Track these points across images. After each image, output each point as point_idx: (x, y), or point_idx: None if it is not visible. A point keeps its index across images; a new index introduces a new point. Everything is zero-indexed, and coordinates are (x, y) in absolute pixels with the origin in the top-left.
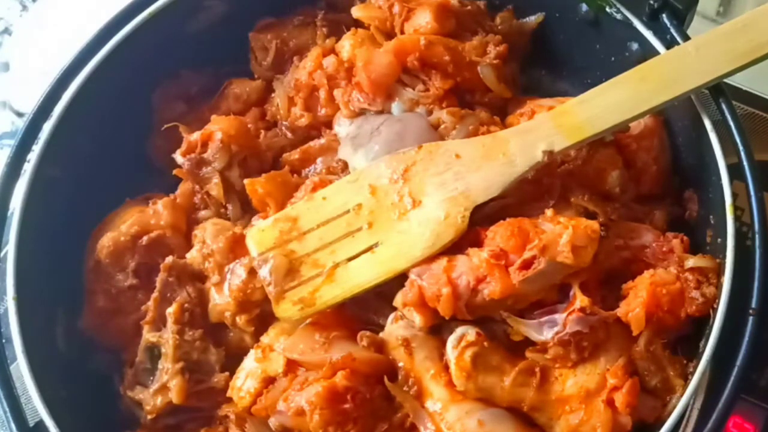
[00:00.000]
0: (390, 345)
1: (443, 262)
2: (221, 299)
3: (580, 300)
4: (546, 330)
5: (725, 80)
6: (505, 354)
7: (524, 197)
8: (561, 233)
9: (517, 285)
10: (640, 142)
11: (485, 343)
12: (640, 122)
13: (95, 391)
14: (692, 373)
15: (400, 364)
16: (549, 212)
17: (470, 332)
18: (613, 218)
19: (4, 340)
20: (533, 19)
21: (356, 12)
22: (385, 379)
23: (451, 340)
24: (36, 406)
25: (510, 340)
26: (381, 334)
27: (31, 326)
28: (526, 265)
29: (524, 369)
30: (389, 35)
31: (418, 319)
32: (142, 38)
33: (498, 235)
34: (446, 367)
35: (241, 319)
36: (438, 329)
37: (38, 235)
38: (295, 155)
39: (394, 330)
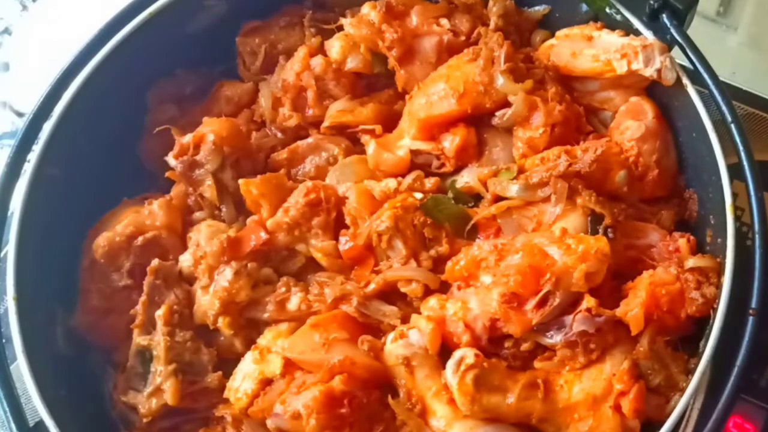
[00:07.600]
0: (390, 363)
1: (457, 305)
2: (205, 300)
3: (586, 301)
4: (555, 333)
5: (725, 80)
6: (505, 371)
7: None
8: (574, 266)
9: (535, 323)
10: (641, 145)
11: (485, 364)
12: (641, 124)
13: (95, 390)
14: (693, 373)
15: (402, 382)
16: (557, 231)
17: (468, 354)
18: (620, 219)
19: (4, 340)
20: (540, 9)
21: (348, 28)
22: (389, 398)
23: (450, 366)
24: (36, 406)
25: (510, 352)
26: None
27: (31, 326)
28: (542, 302)
29: (527, 383)
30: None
31: (417, 337)
32: (141, 38)
33: (511, 277)
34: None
35: (223, 321)
36: None
37: (38, 235)
38: (283, 155)
39: (393, 349)
